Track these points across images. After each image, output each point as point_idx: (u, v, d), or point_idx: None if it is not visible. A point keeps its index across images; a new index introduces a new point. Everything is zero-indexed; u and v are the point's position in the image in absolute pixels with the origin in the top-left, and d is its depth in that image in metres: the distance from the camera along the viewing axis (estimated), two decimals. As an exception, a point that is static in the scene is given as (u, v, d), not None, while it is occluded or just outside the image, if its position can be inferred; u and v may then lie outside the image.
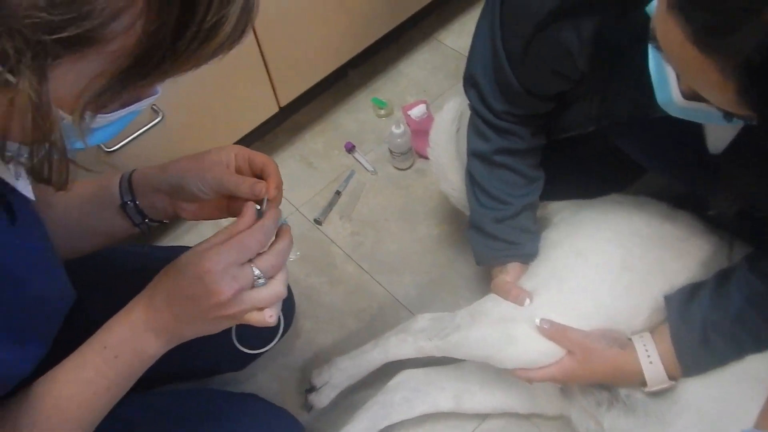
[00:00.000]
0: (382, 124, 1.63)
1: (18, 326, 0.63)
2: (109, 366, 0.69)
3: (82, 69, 0.44)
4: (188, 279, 0.68)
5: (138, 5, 0.41)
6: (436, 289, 1.36)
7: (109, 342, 0.70)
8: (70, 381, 0.69)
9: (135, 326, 0.70)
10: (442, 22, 1.80)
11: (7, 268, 0.61)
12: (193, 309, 0.69)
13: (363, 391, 1.22)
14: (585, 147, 1.11)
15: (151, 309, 0.70)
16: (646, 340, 0.91)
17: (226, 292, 0.67)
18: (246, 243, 0.69)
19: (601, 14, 0.77)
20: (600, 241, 1.00)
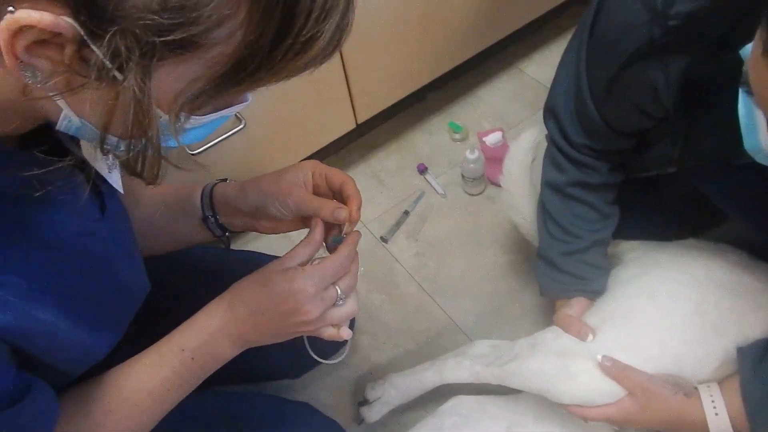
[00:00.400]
0: (456, 148, 1.64)
1: (98, 311, 0.66)
2: (184, 367, 0.73)
3: (182, 72, 0.46)
4: (280, 295, 0.72)
5: (240, 15, 0.43)
6: (497, 318, 1.35)
7: (188, 345, 0.74)
8: (146, 376, 0.73)
9: (214, 332, 0.74)
10: (525, 51, 1.80)
11: (94, 256, 0.65)
12: (278, 323, 0.74)
13: (414, 413, 1.21)
14: (664, 188, 1.09)
15: (233, 318, 0.74)
16: (713, 390, 0.87)
17: (314, 312, 0.73)
18: (334, 267, 0.74)
19: (691, 54, 0.76)
20: (673, 284, 0.97)
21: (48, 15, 0.39)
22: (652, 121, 0.90)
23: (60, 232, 0.60)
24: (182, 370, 0.74)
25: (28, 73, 0.43)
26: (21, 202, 0.56)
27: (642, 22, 0.77)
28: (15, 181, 0.53)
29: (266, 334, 0.75)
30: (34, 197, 0.55)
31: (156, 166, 0.51)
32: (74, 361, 0.65)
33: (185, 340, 0.74)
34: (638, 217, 1.13)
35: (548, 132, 1.05)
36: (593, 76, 0.91)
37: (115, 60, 0.42)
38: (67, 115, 0.49)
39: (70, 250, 0.61)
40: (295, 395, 1.27)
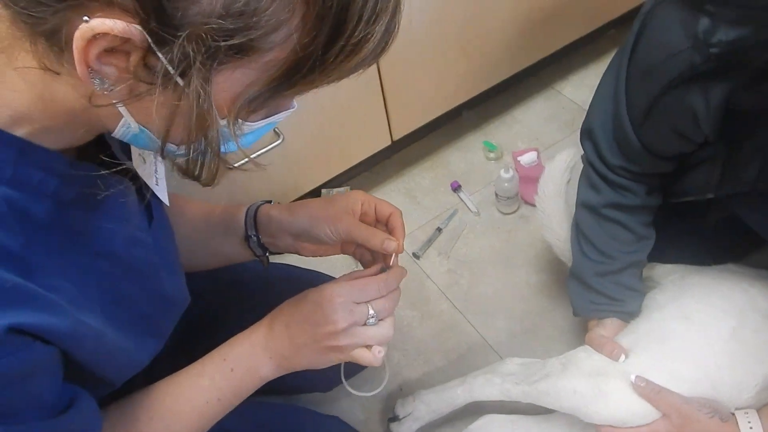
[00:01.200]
0: (491, 167, 1.64)
1: (142, 320, 0.67)
2: (223, 378, 0.75)
3: (240, 76, 0.47)
4: (309, 305, 0.75)
5: (295, 19, 0.45)
6: (528, 337, 1.34)
7: (229, 356, 0.76)
8: (189, 386, 0.74)
9: (254, 346, 0.76)
10: (563, 73, 1.80)
11: (140, 265, 0.67)
12: (308, 333, 0.74)
13: (444, 429, 1.21)
14: (703, 212, 1.08)
15: (270, 332, 0.77)
16: (751, 416, 0.86)
17: (341, 322, 0.73)
18: (368, 286, 0.75)
19: (732, 81, 0.76)
20: (711, 308, 0.96)
21: (120, 23, 0.42)
22: (691, 145, 0.89)
23: (110, 241, 0.62)
24: (221, 382, 0.75)
25: (96, 80, 0.45)
26: (75, 211, 0.57)
27: (683, 48, 0.77)
28: (72, 189, 0.56)
29: (301, 349, 0.75)
30: (87, 206, 0.58)
31: (214, 169, 0.53)
32: (118, 369, 0.66)
33: (227, 351, 0.76)
34: (676, 241, 1.12)
35: (585, 153, 1.05)
36: (632, 100, 0.91)
37: (178, 66, 0.44)
38: (126, 122, 0.51)
39: (118, 258, 0.63)
40: (325, 409, 1.27)
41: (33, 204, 0.53)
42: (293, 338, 0.75)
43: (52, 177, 0.54)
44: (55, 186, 0.54)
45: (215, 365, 0.75)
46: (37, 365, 0.52)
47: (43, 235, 0.54)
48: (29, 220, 0.53)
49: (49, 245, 0.54)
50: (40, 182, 0.53)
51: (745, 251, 1.15)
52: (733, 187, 0.87)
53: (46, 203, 0.54)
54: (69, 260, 0.57)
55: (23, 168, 0.52)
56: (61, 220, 0.56)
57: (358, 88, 1.32)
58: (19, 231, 0.51)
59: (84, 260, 0.58)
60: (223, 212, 0.90)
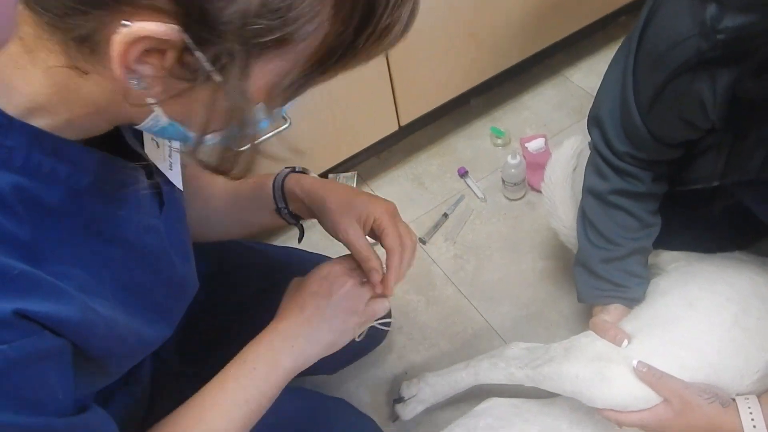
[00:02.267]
0: (498, 153, 1.64)
1: (154, 306, 0.68)
2: (248, 378, 0.74)
3: (275, 67, 0.48)
4: (314, 281, 0.79)
5: (327, 10, 0.46)
6: (533, 323, 1.35)
7: (248, 356, 0.75)
8: (215, 392, 0.73)
9: (271, 340, 0.77)
10: (571, 59, 1.80)
11: (152, 251, 0.67)
12: (322, 307, 0.78)
13: (447, 412, 1.22)
14: (709, 200, 1.08)
15: (284, 320, 0.78)
16: (751, 402, 0.86)
17: (346, 282, 0.79)
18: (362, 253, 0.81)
19: (739, 68, 0.76)
20: (715, 295, 0.97)
21: (162, 26, 0.42)
22: (697, 132, 0.89)
23: (123, 228, 0.62)
24: (246, 382, 0.74)
25: (134, 81, 0.46)
26: (89, 198, 0.57)
27: (690, 35, 0.77)
28: (85, 176, 0.56)
29: (320, 325, 0.77)
30: (101, 193, 0.58)
31: (251, 161, 0.54)
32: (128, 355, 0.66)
33: (246, 353, 0.76)
34: (682, 228, 1.12)
35: (592, 140, 1.05)
36: (640, 87, 0.91)
37: (215, 63, 0.45)
38: (156, 117, 0.52)
39: (130, 245, 0.63)
40: (331, 391, 1.29)
41: (45, 191, 0.53)
42: (310, 318, 0.77)
43: (64, 164, 0.54)
44: (66, 173, 0.54)
45: (237, 367, 0.74)
46: (47, 355, 0.51)
47: (54, 222, 0.54)
48: (40, 207, 0.53)
49: (61, 232, 0.54)
50: (51, 170, 0.53)
51: (750, 239, 1.15)
52: (738, 176, 0.87)
53: (59, 190, 0.54)
54: (81, 247, 0.57)
55: (35, 155, 0.52)
56: (75, 207, 0.56)
57: (366, 74, 1.32)
58: (28, 218, 0.52)
59: (97, 247, 0.59)
60: (252, 185, 0.92)
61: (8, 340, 0.48)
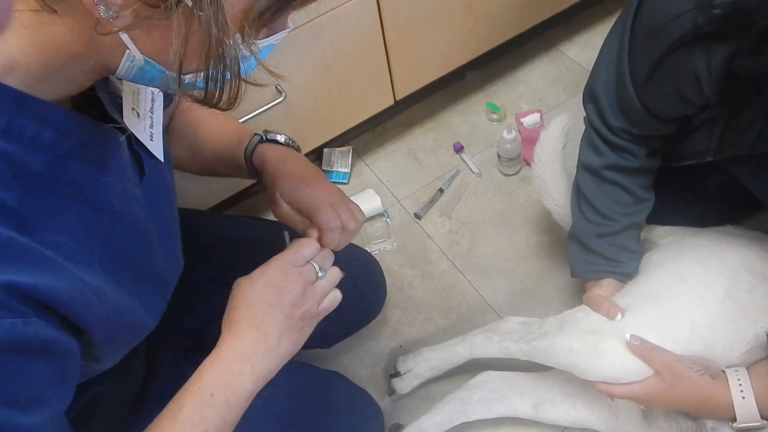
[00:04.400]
0: (494, 128, 1.64)
1: (144, 278, 0.66)
2: (206, 405, 0.67)
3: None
4: (261, 292, 0.73)
5: None
6: (528, 297, 1.36)
7: (203, 382, 0.68)
8: (169, 424, 0.66)
9: (226, 361, 0.70)
10: (568, 34, 1.78)
11: (137, 219, 0.66)
12: (276, 315, 0.72)
13: (443, 386, 1.24)
14: (702, 175, 1.08)
15: (237, 338, 0.71)
16: (741, 374, 0.88)
17: (296, 287, 0.73)
18: (301, 249, 0.77)
19: (735, 44, 0.76)
20: (707, 269, 0.98)
21: None
22: (692, 108, 0.89)
23: (108, 195, 0.60)
24: (204, 411, 0.67)
25: (101, 7, 0.45)
26: (73, 164, 0.56)
27: (687, 9, 0.77)
28: (68, 142, 0.55)
29: (278, 338, 0.72)
30: (84, 159, 0.57)
31: (235, 91, 0.53)
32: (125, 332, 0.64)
33: (200, 379, 0.69)
34: (675, 203, 1.13)
35: (587, 115, 1.05)
36: (635, 62, 0.91)
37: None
38: (130, 55, 0.50)
39: (117, 214, 0.62)
40: (326, 365, 1.30)
41: (29, 157, 0.51)
42: (267, 334, 0.72)
43: (47, 128, 0.53)
44: (49, 138, 0.53)
45: (192, 396, 0.67)
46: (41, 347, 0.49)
47: (41, 190, 0.53)
48: (26, 173, 0.51)
49: (47, 200, 0.53)
50: (34, 134, 0.52)
51: (743, 214, 1.16)
52: (732, 151, 0.88)
53: (42, 156, 0.53)
54: (68, 215, 0.56)
55: (17, 119, 0.50)
56: (60, 173, 0.55)
57: (361, 47, 1.32)
58: (15, 185, 0.50)
59: (84, 215, 0.57)
60: (231, 140, 0.91)
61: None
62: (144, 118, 0.67)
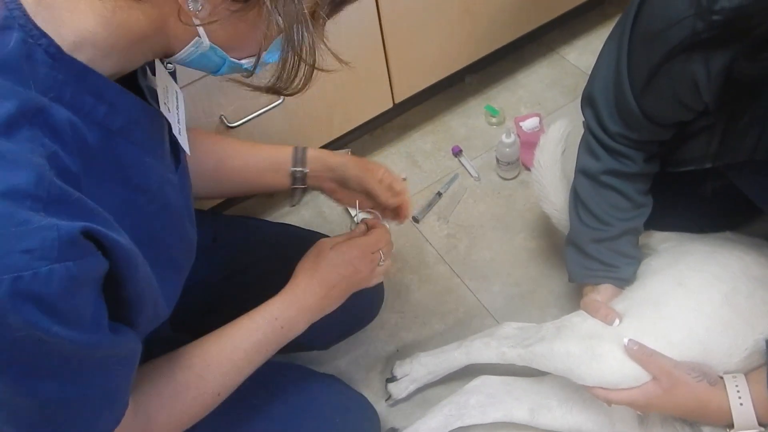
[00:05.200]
0: (492, 132, 1.64)
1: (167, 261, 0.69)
2: (275, 333, 0.83)
3: None
4: (341, 266, 0.89)
5: None
6: (525, 302, 1.36)
7: (281, 317, 0.83)
8: (244, 337, 0.81)
9: (300, 304, 0.86)
10: (567, 37, 1.78)
11: (170, 204, 0.68)
12: (344, 287, 0.91)
13: (439, 390, 1.23)
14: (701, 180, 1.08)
15: (311, 289, 0.87)
16: (739, 380, 0.87)
17: (365, 270, 0.92)
18: (375, 239, 0.94)
19: (734, 49, 0.75)
20: (705, 275, 0.97)
21: None
22: (690, 113, 0.89)
23: (147, 176, 0.63)
24: (272, 336, 0.82)
25: (191, 1, 0.49)
26: (120, 140, 0.58)
27: (686, 15, 0.77)
28: (119, 118, 0.58)
29: (337, 299, 0.90)
30: (131, 137, 0.60)
31: (308, 75, 0.58)
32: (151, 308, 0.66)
33: (277, 311, 0.83)
34: (673, 209, 1.12)
35: (585, 119, 1.05)
36: (634, 67, 0.91)
37: None
38: (198, 42, 0.54)
39: (153, 195, 0.64)
40: (323, 368, 1.30)
41: (87, 129, 0.54)
42: (330, 297, 0.89)
43: (102, 104, 0.55)
44: (104, 113, 0.56)
45: (268, 324, 0.82)
46: (100, 278, 0.53)
47: (92, 162, 0.55)
48: (84, 144, 0.54)
49: (96, 172, 0.56)
50: (92, 108, 0.54)
51: (742, 220, 1.15)
52: (731, 157, 0.87)
53: (96, 129, 0.55)
54: (111, 190, 0.58)
55: (79, 93, 0.53)
56: (108, 148, 0.57)
57: (360, 50, 1.31)
58: (78, 154, 0.53)
59: (124, 192, 0.60)
60: (271, 148, 1.02)
61: (73, 258, 0.49)
62: (173, 113, 0.70)
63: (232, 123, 1.23)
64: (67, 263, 0.48)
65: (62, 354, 0.52)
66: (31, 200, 0.47)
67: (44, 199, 0.48)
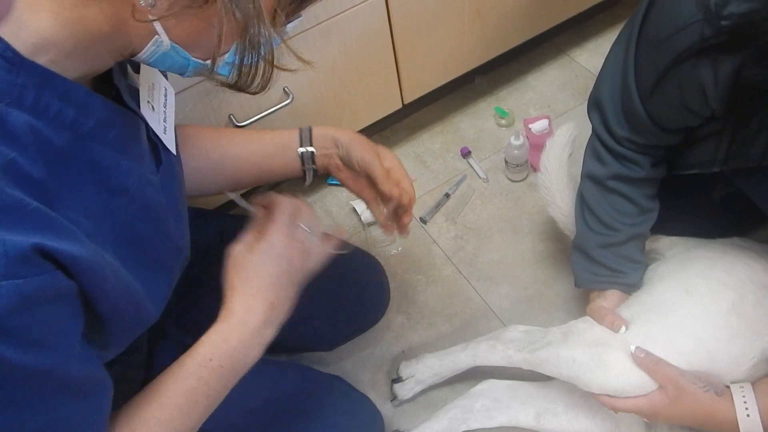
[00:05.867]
0: (502, 133, 1.63)
1: (153, 263, 0.67)
2: (213, 375, 0.70)
3: None
4: (268, 262, 0.77)
5: None
6: (532, 305, 1.35)
7: (214, 355, 0.71)
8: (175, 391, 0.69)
9: (238, 333, 0.73)
10: (578, 40, 1.78)
11: (152, 205, 0.67)
12: (283, 284, 0.77)
13: (444, 392, 1.23)
14: (709, 185, 1.07)
15: (246, 308, 0.74)
16: (746, 390, 0.87)
17: (298, 255, 0.79)
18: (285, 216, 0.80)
19: (742, 56, 0.75)
20: (712, 282, 0.97)
21: None
22: (697, 119, 0.89)
23: (125, 178, 0.62)
24: (212, 379, 0.71)
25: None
26: (93, 143, 0.58)
27: (694, 20, 0.76)
28: (89, 120, 0.57)
29: (285, 302, 0.77)
30: (104, 140, 0.59)
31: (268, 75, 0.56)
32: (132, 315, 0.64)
33: (208, 350, 0.71)
34: (681, 214, 1.12)
35: (591, 123, 1.05)
36: (641, 71, 0.90)
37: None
38: (158, 40, 0.53)
39: (133, 197, 0.63)
40: (328, 369, 1.30)
41: (53, 133, 0.53)
42: (274, 302, 0.76)
43: (70, 107, 0.54)
44: (72, 116, 0.55)
45: (201, 367, 0.70)
46: (60, 296, 0.51)
47: (62, 167, 0.54)
48: (50, 149, 0.53)
49: (67, 177, 0.54)
50: (58, 111, 0.53)
51: (750, 225, 1.15)
52: (739, 163, 0.87)
53: (65, 133, 0.54)
54: (86, 195, 0.57)
55: (43, 96, 0.52)
56: (80, 152, 0.56)
57: (370, 51, 1.31)
58: (41, 159, 0.51)
59: (101, 196, 0.59)
60: (276, 133, 0.98)
61: (23, 276, 0.46)
62: (158, 112, 0.69)
63: (240, 122, 1.23)
64: (16, 281, 0.46)
65: (15, 380, 0.48)
66: None
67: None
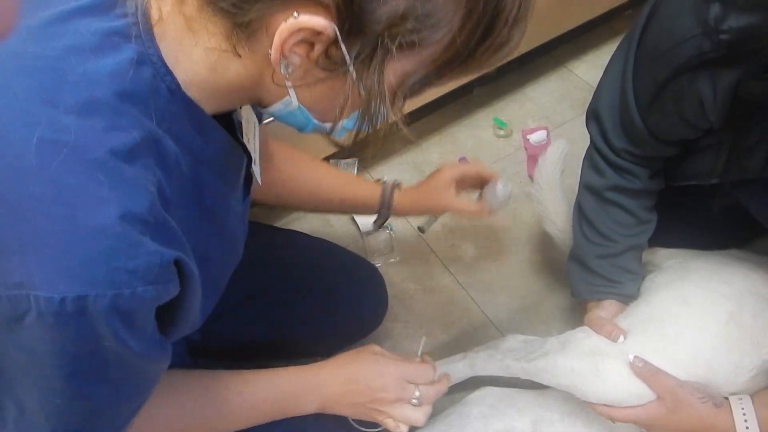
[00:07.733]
0: (500, 144, 1.64)
1: (212, 283, 0.71)
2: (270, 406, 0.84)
3: (403, 66, 0.54)
4: (372, 372, 0.87)
5: (456, 22, 0.51)
6: (530, 315, 1.35)
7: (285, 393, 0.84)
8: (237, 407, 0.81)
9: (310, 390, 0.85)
10: (576, 52, 1.79)
11: (231, 231, 0.72)
12: (363, 395, 0.87)
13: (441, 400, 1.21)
14: (706, 198, 1.08)
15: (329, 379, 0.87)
16: (745, 402, 0.87)
17: (392, 395, 0.87)
18: (421, 372, 0.91)
19: (740, 70, 0.75)
20: (710, 292, 0.97)
21: (321, 20, 0.49)
22: (696, 132, 0.89)
23: (216, 201, 0.67)
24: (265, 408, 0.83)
25: (283, 65, 0.52)
26: (204, 168, 0.62)
27: (693, 34, 0.77)
28: (210, 151, 0.62)
29: (351, 405, 0.87)
30: (213, 168, 0.64)
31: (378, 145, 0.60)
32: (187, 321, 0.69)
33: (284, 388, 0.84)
34: (679, 225, 1.12)
35: (590, 135, 1.05)
36: (640, 84, 0.91)
37: (357, 58, 0.50)
38: (288, 101, 0.57)
39: (218, 219, 0.68)
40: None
41: (182, 158, 0.58)
42: (348, 394, 0.86)
43: (200, 137, 0.60)
44: (200, 145, 0.60)
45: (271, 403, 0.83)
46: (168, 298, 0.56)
47: (179, 185, 0.59)
48: (180, 173, 0.58)
49: (179, 194, 0.59)
50: (191, 140, 0.59)
51: (748, 237, 1.15)
52: (738, 174, 0.87)
53: (189, 158, 0.59)
54: (185, 211, 0.61)
55: (185, 124, 0.58)
56: (193, 172, 0.61)
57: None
58: (175, 182, 0.57)
59: (194, 214, 0.63)
60: (362, 187, 1.13)
61: (162, 282, 0.53)
62: (251, 144, 0.74)
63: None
64: (157, 286, 0.52)
65: (126, 364, 0.56)
66: (143, 225, 0.50)
67: (152, 225, 0.52)
